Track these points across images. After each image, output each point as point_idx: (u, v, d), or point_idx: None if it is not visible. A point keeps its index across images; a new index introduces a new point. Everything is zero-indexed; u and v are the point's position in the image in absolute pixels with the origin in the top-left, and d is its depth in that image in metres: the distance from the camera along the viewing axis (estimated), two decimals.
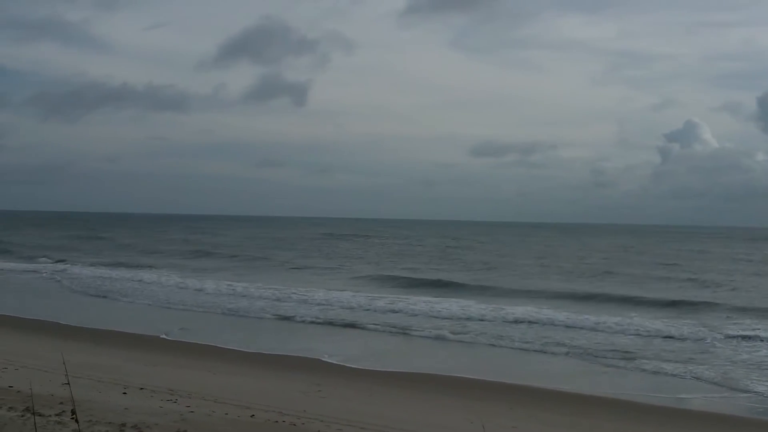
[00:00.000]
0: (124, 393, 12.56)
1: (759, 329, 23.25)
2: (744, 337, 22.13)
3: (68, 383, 5.20)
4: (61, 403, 11.12)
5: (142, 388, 12.97)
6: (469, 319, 25.33)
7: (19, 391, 12.04)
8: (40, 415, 10.59)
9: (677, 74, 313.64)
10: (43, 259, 50.21)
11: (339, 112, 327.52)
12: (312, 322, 24.91)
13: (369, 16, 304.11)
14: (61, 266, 44.76)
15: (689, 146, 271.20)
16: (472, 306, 28.20)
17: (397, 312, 26.84)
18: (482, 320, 25.14)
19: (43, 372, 13.73)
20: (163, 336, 21.19)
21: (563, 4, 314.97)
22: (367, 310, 27.34)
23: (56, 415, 10.52)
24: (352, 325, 24.22)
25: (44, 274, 41.05)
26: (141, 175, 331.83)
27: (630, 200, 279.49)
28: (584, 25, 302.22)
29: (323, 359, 18.16)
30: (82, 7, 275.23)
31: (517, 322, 24.88)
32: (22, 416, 10.59)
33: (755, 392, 15.87)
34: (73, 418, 3.90)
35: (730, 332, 22.79)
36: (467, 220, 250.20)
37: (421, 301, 29.33)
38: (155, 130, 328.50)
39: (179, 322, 24.32)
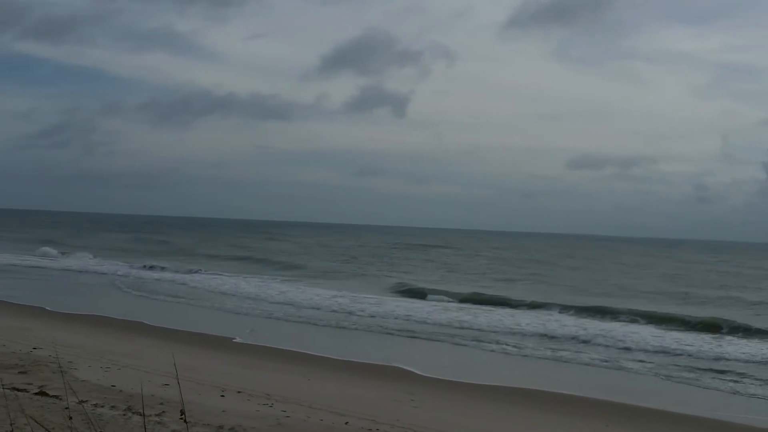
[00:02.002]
0: (222, 396, 12.71)
1: None
2: None
3: (178, 384, 5.14)
4: (161, 403, 11.32)
5: (239, 392, 13.11)
6: (554, 338, 24.53)
7: (121, 391, 12.33)
8: (140, 415, 10.80)
9: None
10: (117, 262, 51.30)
11: (439, 122, 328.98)
12: (390, 333, 24.75)
13: (471, 29, 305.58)
14: (145, 271, 45.55)
15: None
16: (561, 322, 27.61)
17: (464, 326, 26.18)
18: (580, 340, 24.20)
19: (143, 372, 14.03)
20: (236, 339, 21.43)
21: (668, 16, 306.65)
22: (429, 323, 26.78)
23: (156, 415, 10.71)
24: (434, 338, 23.95)
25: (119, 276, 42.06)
26: (245, 182, 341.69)
27: (733, 217, 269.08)
28: (689, 36, 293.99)
29: (413, 369, 18.01)
30: (191, 18, 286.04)
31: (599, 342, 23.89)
32: (124, 415, 10.82)
33: None
34: (181, 419, 3.86)
35: None
36: (564, 233, 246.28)
37: (498, 315, 28.78)
38: (259, 138, 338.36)
39: (249, 325, 24.56)
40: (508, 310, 30.67)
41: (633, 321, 28.61)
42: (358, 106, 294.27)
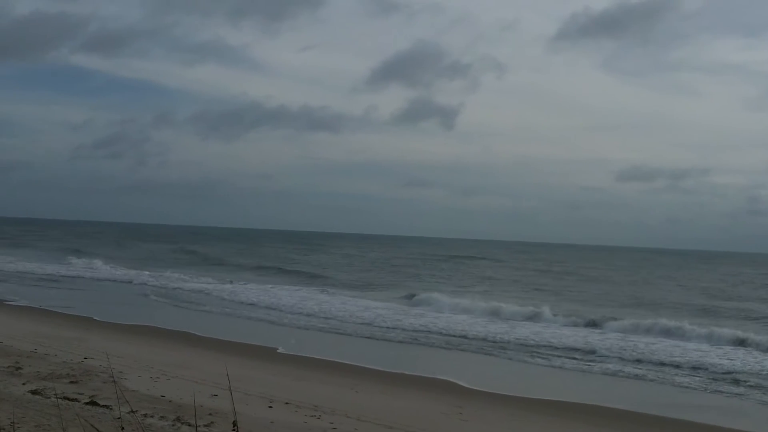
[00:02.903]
0: (270, 407, 12.71)
1: None
2: None
3: (231, 395, 5.14)
4: (210, 414, 11.35)
5: (287, 403, 13.10)
6: (597, 354, 24.09)
7: (170, 401, 12.40)
8: (190, 426, 10.84)
9: None
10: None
11: (487, 134, 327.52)
12: (435, 345, 24.58)
13: (520, 41, 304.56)
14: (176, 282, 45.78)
15: None
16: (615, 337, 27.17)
17: (501, 339, 25.67)
18: (623, 356, 23.73)
19: (192, 383, 14.11)
20: (280, 350, 21.42)
21: (718, 27, 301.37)
22: (469, 336, 26.37)
23: (205, 425, 10.74)
24: (478, 350, 23.70)
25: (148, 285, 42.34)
26: (292, 193, 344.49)
27: None
28: (741, 48, 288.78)
29: (459, 382, 17.83)
30: (244, 32, 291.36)
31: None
32: (173, 425, 10.87)
33: None
34: (234, 430, 3.79)
35: None
36: (613, 245, 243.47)
37: (538, 328, 28.39)
38: (307, 149, 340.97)
39: (283, 336, 24.58)
40: (542, 323, 30.22)
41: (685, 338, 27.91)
42: (407, 118, 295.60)
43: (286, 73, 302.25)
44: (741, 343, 25.68)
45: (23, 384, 12.66)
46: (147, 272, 49.85)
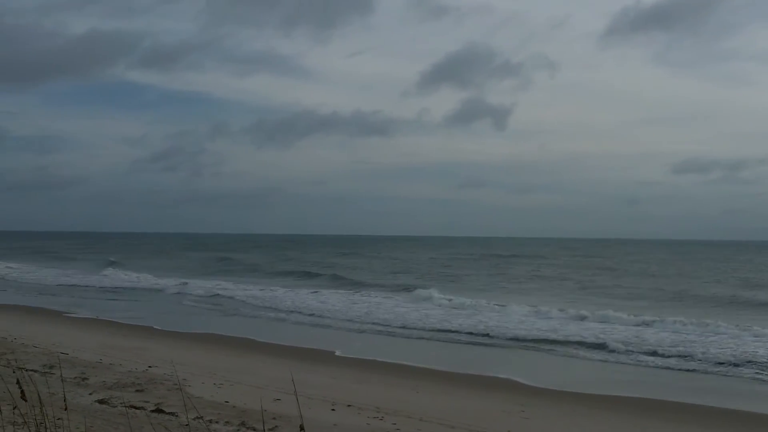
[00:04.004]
0: (333, 409, 12.76)
1: None
2: None
3: (296, 399, 5.15)
4: (274, 418, 11.44)
5: (349, 405, 13.14)
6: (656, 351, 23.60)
7: (234, 406, 12.53)
8: (253, 430, 10.95)
9: None
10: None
11: (540, 131, 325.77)
12: (491, 344, 24.40)
13: (571, 38, 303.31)
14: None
15: None
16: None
17: (551, 337, 25.28)
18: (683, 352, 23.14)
19: (255, 388, 14.24)
20: (338, 353, 21.46)
21: None
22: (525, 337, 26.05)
23: (270, 430, 10.83)
24: (536, 349, 23.49)
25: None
26: (346, 198, 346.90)
27: None
28: None
29: (521, 380, 17.69)
30: (295, 41, 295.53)
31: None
32: (238, 430, 10.99)
33: None
34: None
35: None
36: (671, 239, 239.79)
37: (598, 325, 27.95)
38: (360, 154, 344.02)
39: (343, 340, 24.61)
40: (590, 321, 29.57)
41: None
42: (459, 120, 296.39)
43: (337, 80, 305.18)
44: None
45: (90, 394, 12.90)
46: (187, 281, 50.07)
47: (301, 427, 4.12)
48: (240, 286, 46.07)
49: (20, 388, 3.75)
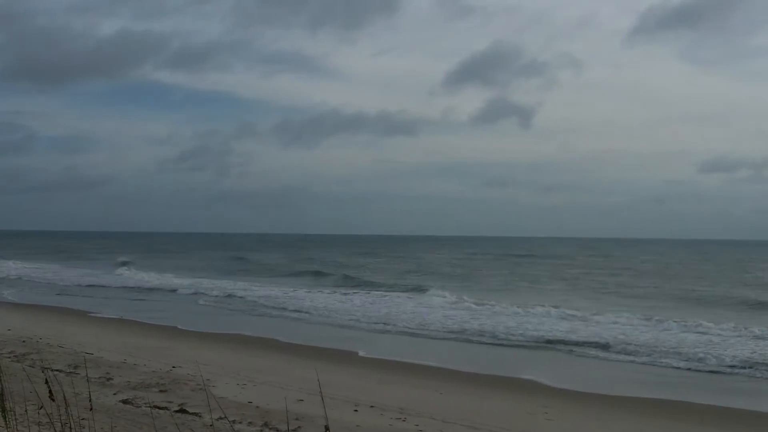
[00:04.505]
0: (356, 410, 12.77)
1: None
2: None
3: (322, 400, 5.14)
4: (297, 418, 11.46)
5: (372, 406, 13.14)
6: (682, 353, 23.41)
7: (257, 407, 12.58)
8: (276, 430, 10.98)
9: None
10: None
11: (566, 130, 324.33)
12: (513, 345, 24.28)
13: (597, 37, 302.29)
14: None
15: None
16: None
17: (573, 338, 25.20)
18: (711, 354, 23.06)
19: (278, 388, 14.27)
20: (361, 353, 21.41)
21: None
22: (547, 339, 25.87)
23: (293, 430, 10.87)
24: (557, 350, 23.34)
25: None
26: (372, 197, 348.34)
27: None
28: None
29: (544, 381, 17.59)
30: (322, 41, 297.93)
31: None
32: (261, 431, 11.02)
33: None
34: None
35: None
36: (698, 239, 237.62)
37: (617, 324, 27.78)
38: (386, 153, 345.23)
39: (365, 340, 24.54)
40: (609, 322, 29.29)
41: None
42: (484, 119, 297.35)
43: (363, 80, 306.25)
44: None
45: (114, 394, 13.00)
46: (203, 280, 50.29)
47: (326, 428, 4.11)
48: (258, 285, 46.23)
49: (49, 388, 3.77)
